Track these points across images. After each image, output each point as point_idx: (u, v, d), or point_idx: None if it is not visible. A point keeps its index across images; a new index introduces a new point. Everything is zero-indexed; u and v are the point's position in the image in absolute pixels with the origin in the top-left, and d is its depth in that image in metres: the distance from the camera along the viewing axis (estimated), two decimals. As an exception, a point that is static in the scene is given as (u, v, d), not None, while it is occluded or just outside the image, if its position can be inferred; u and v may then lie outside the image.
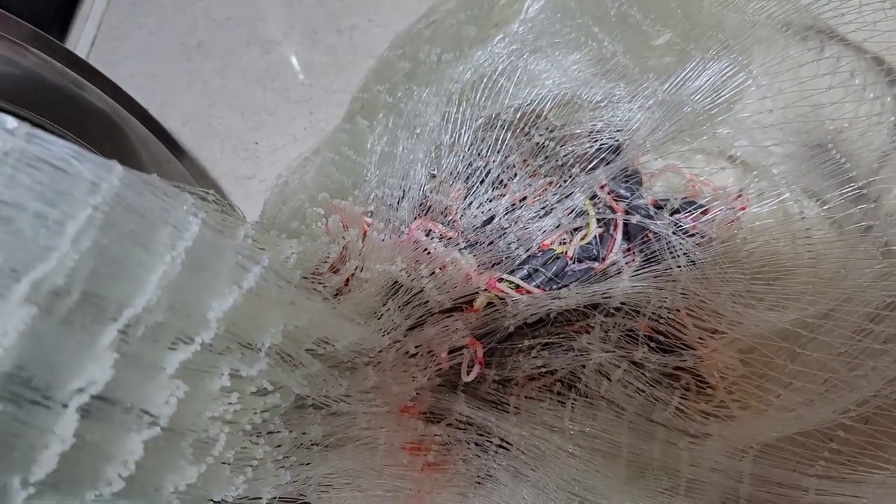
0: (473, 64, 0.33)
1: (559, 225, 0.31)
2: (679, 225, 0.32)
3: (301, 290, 0.21)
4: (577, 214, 0.32)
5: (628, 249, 0.32)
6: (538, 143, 0.33)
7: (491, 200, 0.32)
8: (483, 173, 0.32)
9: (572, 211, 0.31)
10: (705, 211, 0.33)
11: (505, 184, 0.32)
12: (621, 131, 0.32)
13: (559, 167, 0.33)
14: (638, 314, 0.29)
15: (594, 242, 0.32)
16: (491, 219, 0.31)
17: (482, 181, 0.32)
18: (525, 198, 0.32)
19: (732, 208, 0.33)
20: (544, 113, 0.33)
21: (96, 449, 0.16)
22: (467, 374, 0.29)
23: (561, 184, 0.32)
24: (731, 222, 0.33)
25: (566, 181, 0.32)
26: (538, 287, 0.30)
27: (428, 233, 0.31)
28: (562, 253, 0.31)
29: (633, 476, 0.26)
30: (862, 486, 0.24)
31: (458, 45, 0.36)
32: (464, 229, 0.31)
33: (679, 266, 0.29)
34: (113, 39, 0.51)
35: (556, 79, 0.32)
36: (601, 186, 0.32)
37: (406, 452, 0.27)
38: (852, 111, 0.32)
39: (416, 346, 0.28)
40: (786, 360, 0.27)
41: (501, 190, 0.32)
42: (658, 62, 0.33)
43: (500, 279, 0.30)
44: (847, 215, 0.30)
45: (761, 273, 0.29)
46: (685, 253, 0.30)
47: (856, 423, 0.25)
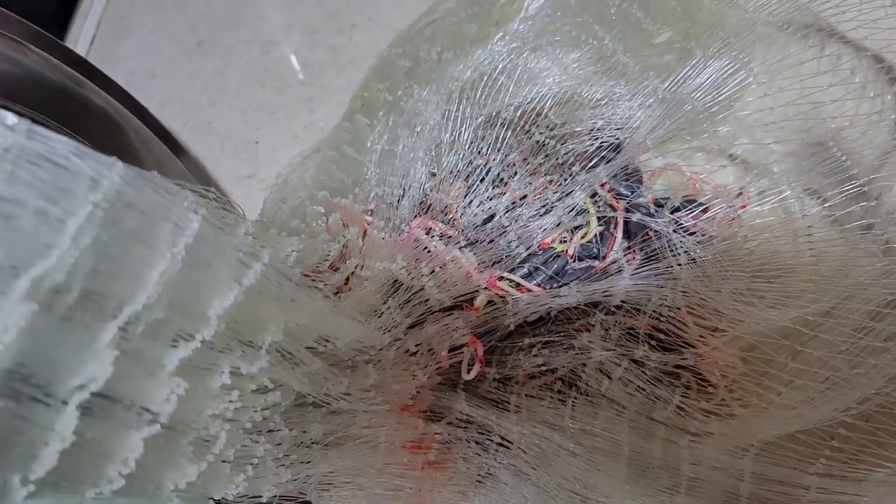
0: (474, 62, 0.33)
1: (560, 223, 0.31)
2: (679, 223, 0.32)
3: (302, 288, 0.21)
4: (578, 213, 0.32)
5: (629, 248, 0.32)
6: (538, 142, 0.33)
7: (491, 199, 0.32)
8: (483, 171, 0.32)
9: (573, 209, 0.31)
10: (706, 209, 0.33)
11: (505, 182, 0.32)
12: (622, 129, 0.32)
13: (559, 165, 0.33)
14: (638, 312, 0.29)
15: (595, 241, 0.32)
16: (491, 217, 0.31)
17: (482, 179, 0.32)
18: (525, 196, 0.32)
19: (733, 206, 0.33)
20: (545, 111, 0.33)
21: (97, 446, 0.16)
22: (468, 373, 0.29)
23: (561, 182, 0.32)
24: (732, 220, 0.33)
25: (566, 179, 0.32)
26: (539, 285, 0.30)
27: (428, 231, 0.30)
28: (562, 251, 0.31)
29: (634, 474, 0.26)
30: (863, 485, 0.24)
31: (459, 44, 0.36)
32: (464, 227, 0.31)
33: (680, 264, 0.29)
34: (113, 38, 0.51)
35: (557, 77, 0.32)
36: (602, 185, 0.32)
37: (406, 451, 0.27)
38: (853, 109, 0.32)
39: (417, 345, 0.28)
40: (787, 359, 0.27)
41: (502, 188, 0.32)
42: (658, 60, 0.33)
43: (501, 277, 0.30)
44: (848, 213, 0.30)
45: (762, 271, 0.29)
46: (686, 251, 0.30)
47: (857, 422, 0.25)
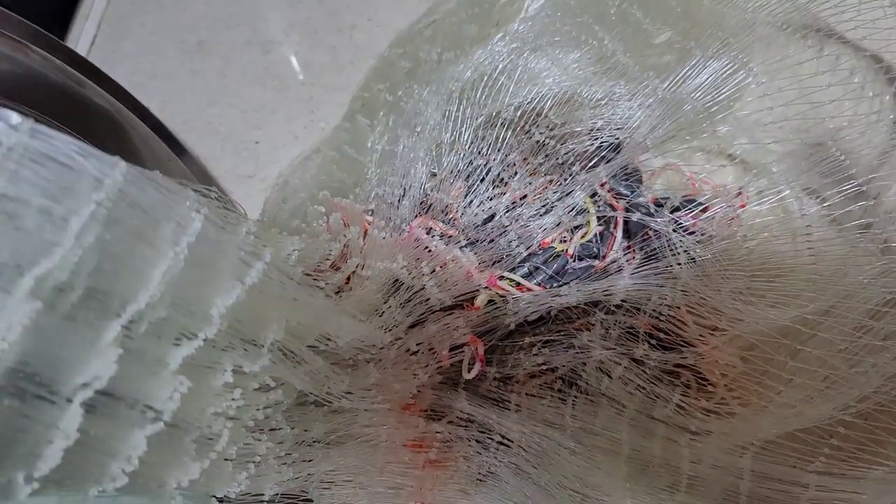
0: (474, 62, 0.33)
1: (560, 223, 0.31)
2: (679, 223, 0.32)
3: (303, 287, 0.21)
4: (578, 212, 0.32)
5: (628, 247, 0.32)
6: (539, 142, 0.33)
7: (491, 198, 0.32)
8: (484, 171, 0.32)
9: (573, 209, 0.31)
10: (705, 209, 0.33)
11: (505, 182, 0.32)
12: (621, 129, 0.32)
13: (559, 165, 0.33)
14: (638, 311, 0.29)
15: (594, 240, 0.32)
16: (491, 217, 0.31)
17: (483, 179, 0.32)
18: (525, 196, 0.32)
19: (732, 206, 0.33)
20: (545, 111, 0.33)
21: (100, 444, 0.16)
22: (468, 372, 0.29)
23: (561, 182, 0.32)
24: (731, 220, 0.33)
25: (566, 179, 0.32)
26: (539, 285, 0.30)
27: (429, 231, 0.31)
28: (562, 251, 0.31)
29: (634, 473, 0.26)
30: (862, 482, 0.24)
31: (459, 44, 0.36)
32: (464, 227, 0.31)
33: (679, 263, 0.29)
34: (113, 38, 0.51)
35: (557, 77, 0.32)
36: (601, 184, 0.32)
37: (407, 450, 0.27)
38: (851, 109, 0.32)
39: (418, 344, 0.28)
40: (786, 357, 0.27)
41: (502, 188, 0.32)
42: (658, 60, 0.33)
43: (501, 277, 0.30)
44: (847, 213, 0.30)
45: (761, 270, 0.29)
46: (685, 250, 0.30)
47: (856, 420, 0.25)
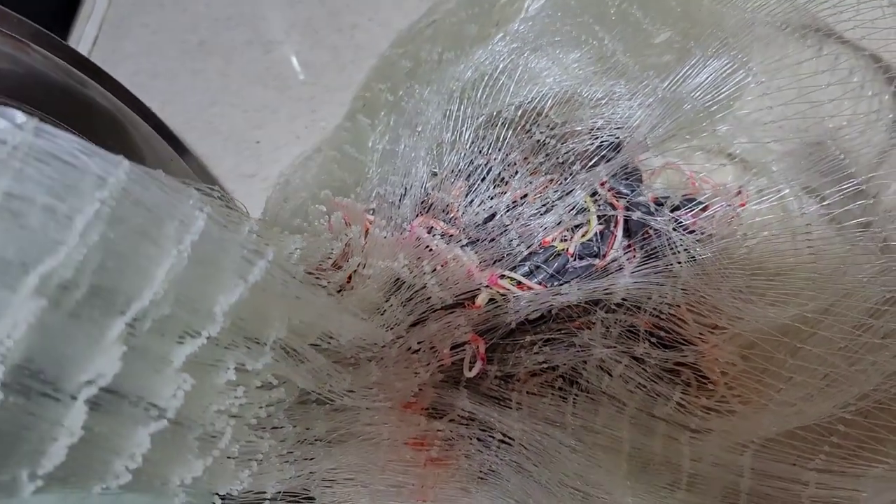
0: (474, 62, 0.33)
1: (560, 222, 0.31)
2: (679, 221, 0.32)
3: (306, 285, 0.21)
4: (578, 211, 0.32)
5: (629, 246, 0.32)
6: (539, 141, 0.33)
7: (492, 198, 0.32)
8: (484, 171, 0.32)
9: (573, 208, 0.31)
10: (705, 207, 0.33)
11: (506, 181, 0.32)
12: (622, 129, 0.32)
13: (560, 164, 0.33)
14: (639, 310, 0.29)
15: (595, 239, 0.32)
16: (492, 216, 0.31)
17: (483, 179, 0.32)
18: (526, 195, 0.32)
19: (732, 205, 0.33)
20: (545, 111, 0.33)
21: (104, 441, 0.16)
22: (469, 370, 0.29)
23: (562, 181, 0.32)
24: (731, 219, 0.33)
25: (567, 178, 0.32)
26: (540, 283, 0.30)
27: (430, 230, 0.31)
28: (563, 250, 0.31)
29: (635, 471, 0.27)
30: (862, 480, 0.24)
31: (460, 44, 0.36)
32: (465, 226, 0.31)
33: (680, 262, 0.30)
34: (115, 38, 0.51)
35: (557, 77, 0.33)
36: (602, 183, 0.32)
37: (409, 448, 0.27)
38: (851, 108, 0.33)
39: (419, 342, 0.28)
40: (786, 356, 0.27)
41: (503, 187, 0.32)
42: (658, 60, 0.34)
43: (502, 276, 0.30)
44: (846, 211, 0.31)
45: (761, 269, 0.30)
46: (686, 249, 0.30)
47: (856, 418, 0.25)
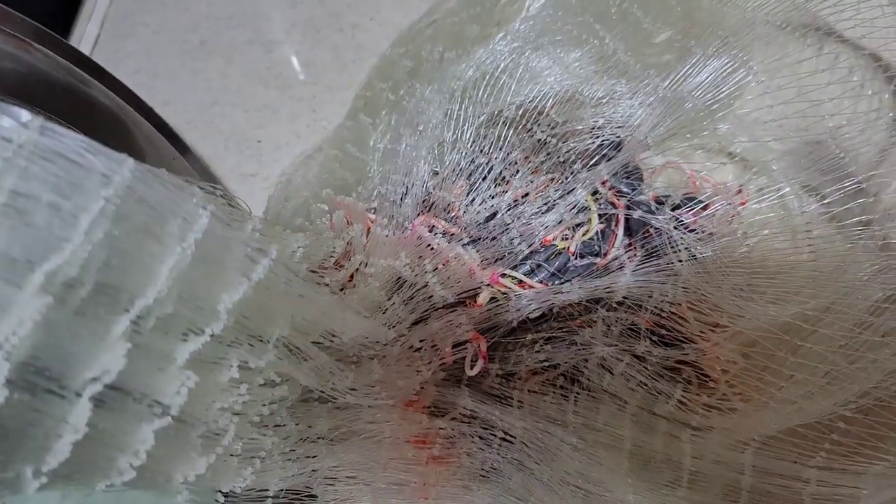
0: (476, 61, 0.33)
1: (561, 221, 0.31)
2: (680, 220, 0.32)
3: (309, 283, 0.21)
4: (579, 210, 0.32)
5: (630, 244, 0.32)
6: (540, 140, 0.33)
7: (493, 196, 0.32)
8: (486, 170, 0.32)
9: (574, 207, 0.31)
10: (706, 206, 0.33)
11: (507, 180, 0.33)
12: (623, 127, 0.32)
13: (561, 163, 0.33)
14: (640, 308, 0.30)
15: (596, 238, 0.32)
16: (493, 215, 0.32)
17: (485, 177, 0.32)
18: (527, 194, 0.32)
19: (732, 204, 0.33)
20: (546, 110, 0.33)
21: (109, 438, 0.16)
22: (471, 369, 0.29)
23: (563, 180, 0.32)
24: (732, 217, 0.33)
25: (568, 177, 0.32)
26: (541, 282, 0.31)
27: (431, 228, 0.31)
28: (564, 248, 0.31)
29: (636, 468, 0.27)
30: (862, 477, 0.24)
31: (461, 43, 0.36)
32: (467, 225, 0.31)
33: (680, 261, 0.30)
34: (116, 38, 0.51)
35: (558, 76, 0.33)
36: (603, 182, 0.33)
37: (411, 446, 0.27)
38: (851, 107, 0.33)
39: (421, 341, 0.28)
40: (787, 354, 0.27)
41: (504, 186, 0.32)
42: (659, 59, 0.34)
43: (503, 274, 0.30)
44: (846, 210, 0.31)
45: (762, 267, 0.30)
46: (686, 248, 0.30)
47: (856, 415, 0.25)
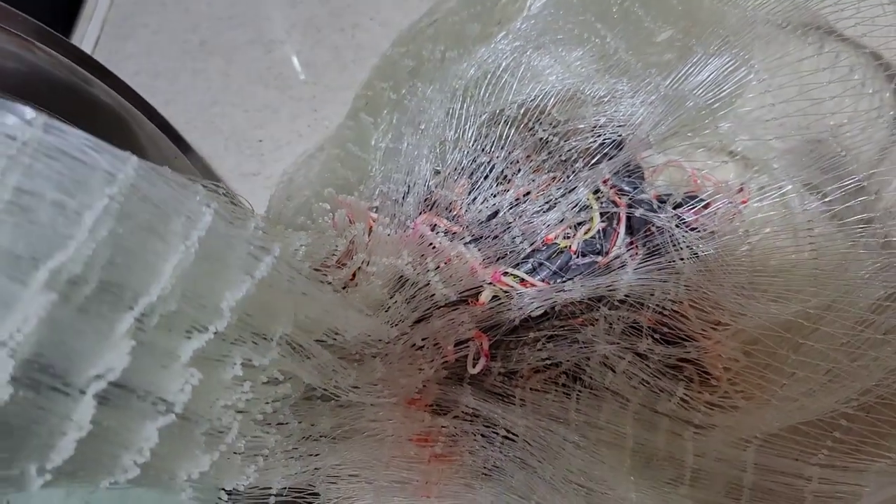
0: (477, 61, 0.33)
1: (563, 219, 0.31)
2: (682, 218, 0.32)
3: (312, 281, 0.21)
4: (581, 209, 0.32)
5: (631, 243, 0.32)
6: (542, 139, 0.33)
7: (495, 195, 0.32)
8: (487, 168, 0.32)
9: (576, 205, 0.31)
10: (707, 205, 0.33)
11: (509, 179, 0.33)
12: (624, 126, 0.32)
13: (563, 162, 0.33)
14: (642, 307, 0.30)
15: (598, 236, 0.32)
16: (495, 213, 0.32)
17: (486, 176, 0.32)
18: (529, 192, 0.32)
19: (734, 202, 0.33)
20: (548, 109, 0.33)
21: (113, 436, 0.16)
22: (473, 367, 0.29)
23: (564, 178, 0.32)
24: (733, 216, 0.33)
25: (570, 176, 0.32)
26: (543, 280, 0.31)
27: (433, 227, 0.31)
28: (566, 247, 0.31)
29: (639, 466, 0.27)
30: (864, 475, 0.24)
31: (462, 43, 0.37)
32: (468, 224, 0.31)
33: (682, 259, 0.30)
34: (116, 38, 0.51)
35: (560, 75, 0.33)
36: (604, 181, 0.33)
37: (413, 444, 0.27)
38: (852, 106, 0.33)
39: (423, 339, 0.28)
40: (788, 352, 0.27)
41: (506, 185, 0.33)
42: (660, 58, 0.34)
43: (505, 273, 0.30)
44: (848, 208, 0.31)
45: (763, 266, 0.30)
46: (688, 246, 0.30)
47: (858, 413, 0.25)
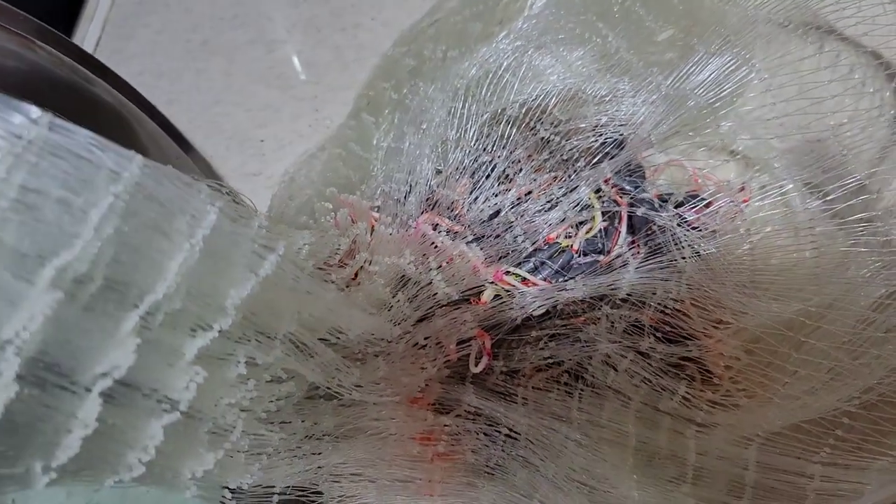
0: (478, 60, 0.33)
1: (564, 218, 0.31)
2: (683, 218, 0.32)
3: (316, 280, 0.21)
4: (582, 208, 0.32)
5: (633, 242, 0.32)
6: (543, 138, 0.33)
7: (497, 195, 0.32)
8: (489, 168, 0.32)
9: (577, 204, 0.31)
10: (708, 204, 0.33)
11: (511, 178, 0.33)
12: (625, 126, 0.32)
13: (564, 161, 0.33)
14: (644, 305, 0.30)
15: (599, 235, 0.32)
16: (497, 213, 0.32)
17: (488, 176, 0.32)
18: (531, 192, 0.32)
19: (735, 201, 0.33)
20: (549, 108, 0.33)
21: (118, 434, 0.16)
22: (475, 366, 0.29)
23: (566, 178, 0.32)
24: (735, 215, 0.33)
25: (571, 175, 0.32)
26: (545, 280, 0.31)
27: (435, 226, 0.31)
28: (567, 246, 0.31)
29: (641, 465, 0.27)
30: (866, 473, 0.24)
31: (463, 42, 0.37)
32: (470, 223, 0.31)
33: (684, 258, 0.30)
34: (118, 38, 0.51)
35: (561, 74, 0.33)
36: (606, 180, 0.33)
37: (416, 443, 0.27)
38: (852, 105, 0.33)
39: (426, 338, 0.28)
40: (790, 350, 0.27)
41: (507, 184, 0.33)
42: (661, 57, 0.34)
43: (507, 272, 0.30)
44: (848, 207, 0.31)
45: (765, 264, 0.30)
46: (690, 245, 0.30)
47: (860, 411, 0.25)
